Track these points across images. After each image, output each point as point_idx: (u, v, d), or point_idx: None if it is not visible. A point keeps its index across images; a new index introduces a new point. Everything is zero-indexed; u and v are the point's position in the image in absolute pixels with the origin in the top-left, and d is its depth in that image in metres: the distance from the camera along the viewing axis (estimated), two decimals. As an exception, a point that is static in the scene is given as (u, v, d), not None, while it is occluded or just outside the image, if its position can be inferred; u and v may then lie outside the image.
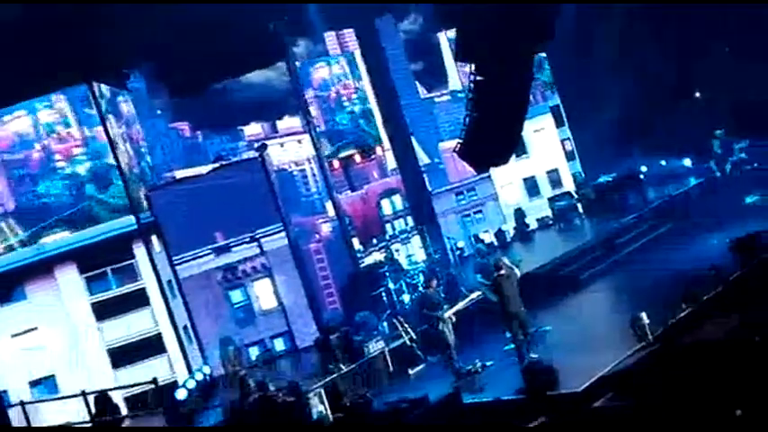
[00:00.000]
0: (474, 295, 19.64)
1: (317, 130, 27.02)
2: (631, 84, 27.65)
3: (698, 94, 30.59)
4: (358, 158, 27.84)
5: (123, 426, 17.86)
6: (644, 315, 15.40)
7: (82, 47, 20.40)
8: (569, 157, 29.91)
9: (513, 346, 17.67)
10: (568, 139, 30.01)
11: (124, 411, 19.49)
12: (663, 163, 29.17)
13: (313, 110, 27.78)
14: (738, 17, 27.56)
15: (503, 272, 16.47)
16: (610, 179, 27.47)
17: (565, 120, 30.03)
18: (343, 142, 27.67)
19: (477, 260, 19.60)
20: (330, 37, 29.33)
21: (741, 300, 16.05)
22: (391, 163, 28.18)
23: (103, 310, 21.25)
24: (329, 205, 26.21)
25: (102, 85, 22.40)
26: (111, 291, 21.42)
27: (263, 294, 23.15)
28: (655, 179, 28.13)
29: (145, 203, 22.43)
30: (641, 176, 27.37)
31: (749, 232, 18.88)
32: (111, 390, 19.10)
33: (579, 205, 28.07)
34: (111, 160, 21.82)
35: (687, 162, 28.48)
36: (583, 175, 29.41)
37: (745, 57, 28.83)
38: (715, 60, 29.25)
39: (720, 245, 19.73)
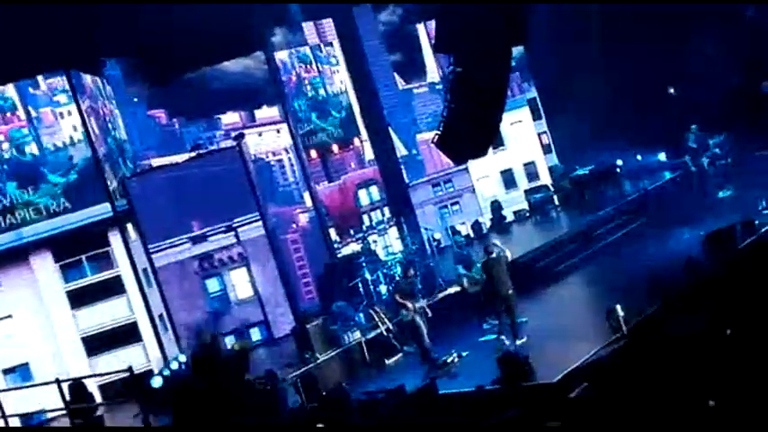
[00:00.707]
0: (452, 290, 19.83)
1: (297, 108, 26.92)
2: (608, 78, 27.81)
3: (672, 90, 30.81)
4: (336, 149, 27.80)
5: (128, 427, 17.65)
6: (618, 307, 15.55)
7: (59, 34, 20.21)
8: (546, 149, 30.07)
9: (490, 337, 17.87)
10: (545, 132, 30.16)
11: (99, 399, 19.38)
12: (639, 157, 29.37)
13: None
14: (714, 13, 27.81)
15: (493, 254, 16.98)
16: (586, 172, 27.64)
17: (542, 113, 30.17)
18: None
19: (456, 251, 19.71)
20: (308, 27, 29.19)
21: (714, 293, 16.26)
22: (369, 154, 28.17)
23: (79, 298, 21.13)
24: (306, 195, 26.18)
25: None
26: (86, 278, 21.30)
27: (240, 284, 23.11)
28: (630, 173, 28.34)
29: (118, 187, 22.18)
30: (617, 170, 27.56)
31: (722, 226, 19.14)
32: (85, 378, 19.02)
33: (555, 198, 28.24)
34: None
35: (662, 156, 28.70)
36: (560, 167, 29.57)
37: (721, 51, 29.13)
38: (690, 55, 29.50)
39: (694, 239, 19.96)
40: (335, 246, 25.47)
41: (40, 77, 21.49)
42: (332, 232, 25.90)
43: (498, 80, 18.21)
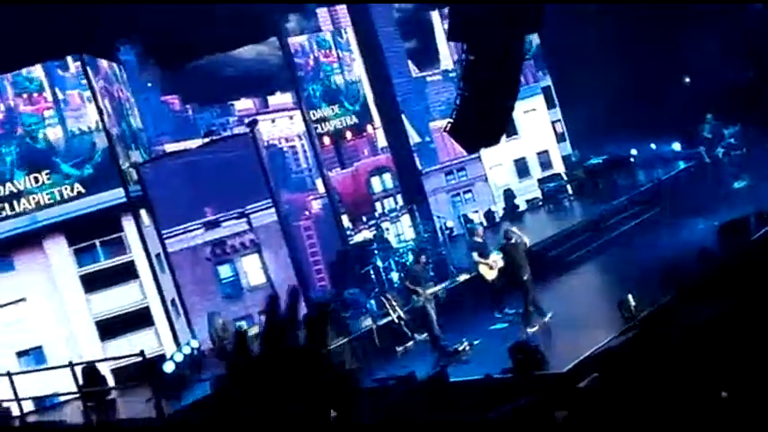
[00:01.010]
0: (461, 278, 19.86)
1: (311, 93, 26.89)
2: (622, 67, 27.65)
3: (687, 79, 30.63)
4: (349, 136, 27.79)
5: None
6: (631, 297, 15.51)
7: (72, 19, 20.24)
8: (560, 138, 29.95)
9: (501, 325, 17.89)
10: (559, 120, 30.04)
11: (111, 383, 19.53)
12: (653, 146, 29.25)
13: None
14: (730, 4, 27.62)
15: (513, 240, 17.38)
16: (600, 161, 27.53)
17: (556, 101, 30.04)
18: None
19: (472, 239, 19.65)
20: (322, 13, 29.18)
21: (728, 284, 16.19)
22: (382, 141, 28.14)
23: (92, 283, 21.22)
24: (319, 182, 26.21)
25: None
26: (99, 263, 21.39)
27: (252, 270, 23.17)
28: (645, 162, 28.22)
29: (133, 172, 22.28)
30: (631, 159, 27.44)
31: (736, 217, 19.04)
32: (98, 361, 19.18)
33: (569, 187, 28.14)
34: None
35: (677, 146, 28.56)
36: (573, 158, 29.46)
37: (736, 41, 28.92)
38: (706, 45, 29.31)
39: (708, 229, 19.87)
40: (348, 233, 25.49)
41: (69, 59, 21.45)
42: (344, 219, 25.92)
43: (511, 68, 18.13)
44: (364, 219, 26.44)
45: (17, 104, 21.31)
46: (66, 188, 21.29)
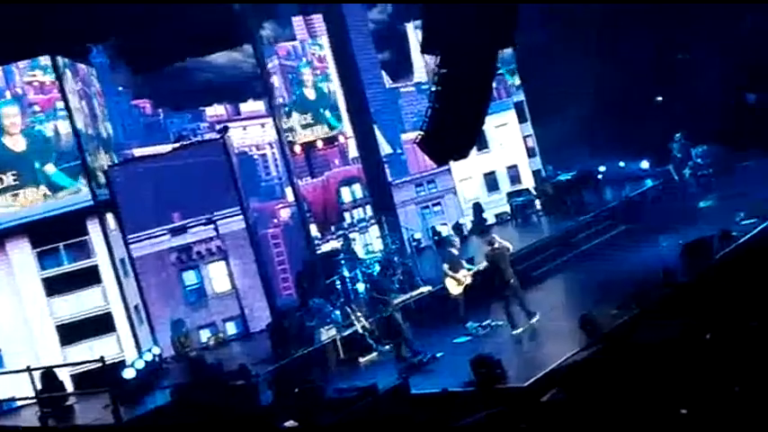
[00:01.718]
0: (425, 289, 19.86)
1: (283, 101, 26.87)
2: (595, 84, 27.87)
3: (659, 98, 30.93)
4: (320, 144, 27.75)
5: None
6: (594, 313, 15.57)
7: (45, 19, 20.06)
8: (530, 153, 30.09)
9: (464, 338, 17.89)
10: (530, 135, 30.19)
11: (70, 389, 19.27)
12: (621, 164, 29.46)
13: (276, 80, 27.47)
14: (702, 24, 27.93)
15: (496, 245, 17.79)
16: (569, 177, 27.64)
17: (528, 116, 30.19)
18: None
19: (447, 250, 19.64)
20: (298, 21, 29.12)
21: (690, 302, 16.30)
22: (353, 151, 28.13)
23: (54, 286, 20.96)
24: (289, 191, 26.16)
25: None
26: (63, 267, 21.13)
27: (217, 277, 23.01)
28: (613, 180, 28.40)
29: (101, 176, 22.08)
30: (599, 176, 27.60)
31: (700, 236, 19.19)
32: (57, 366, 18.91)
33: (537, 202, 28.24)
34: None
35: (645, 164, 28.78)
36: (544, 172, 29.62)
37: (707, 63, 29.25)
38: (676, 64, 29.64)
39: (673, 248, 20.01)
40: (316, 242, 25.41)
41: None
42: (313, 228, 25.84)
43: (483, 83, 18.19)
44: (333, 228, 26.42)
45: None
46: (31, 190, 21.03)
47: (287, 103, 27.31)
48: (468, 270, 18.73)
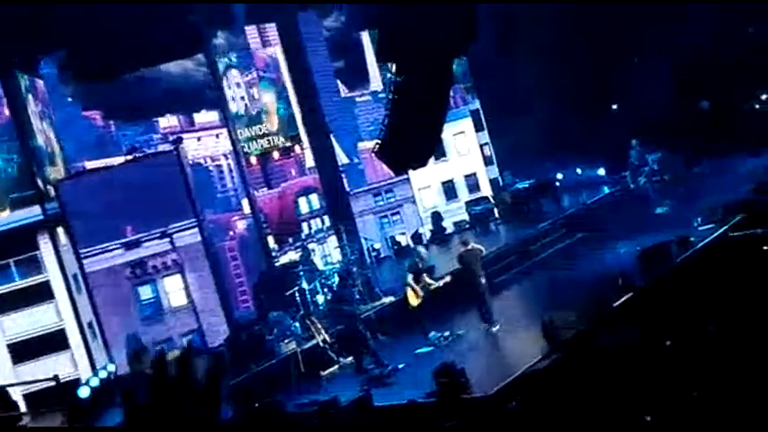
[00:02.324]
0: (386, 300, 19.75)
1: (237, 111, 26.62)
2: (550, 93, 28.02)
3: (615, 106, 31.21)
4: (276, 156, 27.50)
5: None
6: (554, 320, 15.57)
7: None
8: (487, 161, 30.15)
9: (426, 349, 17.77)
10: (487, 143, 30.25)
11: (23, 408, 18.74)
12: (578, 171, 29.64)
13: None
14: (653, 32, 28.25)
15: (469, 247, 18.30)
16: (526, 185, 27.74)
17: (484, 125, 30.26)
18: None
19: (414, 260, 19.51)
20: (251, 30, 28.84)
21: (648, 307, 16.39)
22: (310, 161, 27.92)
23: (5, 303, 20.43)
24: (245, 202, 25.81)
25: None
26: (13, 283, 20.58)
27: (174, 291, 22.62)
28: (570, 187, 28.56)
29: (51, 189, 21.62)
30: (557, 184, 27.73)
31: (657, 242, 19.34)
32: (9, 386, 18.39)
33: (496, 210, 28.29)
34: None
35: (601, 171, 28.98)
36: (501, 181, 29.69)
37: (661, 70, 29.59)
38: (631, 71, 29.93)
39: (630, 254, 20.12)
40: (273, 254, 25.13)
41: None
42: (270, 240, 25.56)
43: (440, 91, 18.17)
44: (290, 240, 26.15)
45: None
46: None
47: (241, 113, 27.04)
48: (433, 281, 18.65)
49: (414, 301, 18.59)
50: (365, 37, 30.28)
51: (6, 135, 21.20)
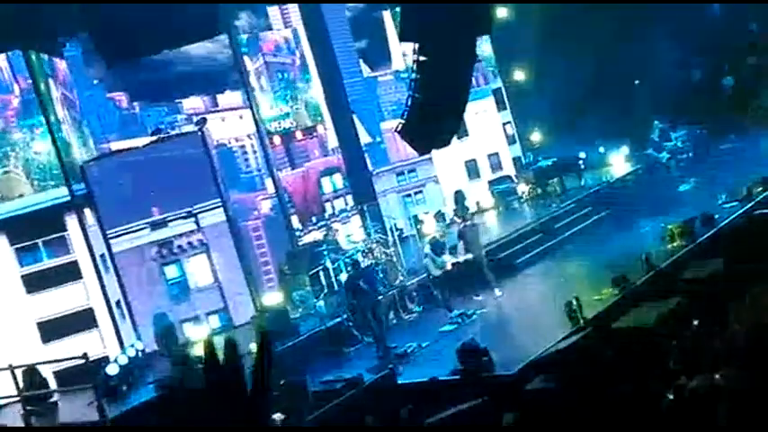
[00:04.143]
0: (410, 279, 20.04)
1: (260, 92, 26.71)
2: (574, 70, 27.89)
3: (637, 82, 31.04)
4: (299, 135, 27.58)
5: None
6: (578, 300, 15.64)
7: (16, 12, 19.73)
8: (510, 140, 30.08)
9: (450, 327, 17.94)
10: (509, 122, 30.17)
11: (53, 386, 19.09)
12: (602, 149, 29.56)
13: (264, 81, 27.29)
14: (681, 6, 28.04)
15: (469, 222, 19.66)
16: (549, 164, 27.72)
17: (507, 103, 30.18)
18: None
19: (434, 239, 19.86)
20: (273, 11, 28.86)
21: (673, 286, 16.42)
22: (333, 141, 27.97)
23: (34, 283, 20.64)
24: (269, 182, 25.90)
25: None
26: (42, 263, 20.83)
27: (200, 271, 22.81)
28: (593, 165, 28.51)
29: (76, 170, 21.85)
30: (580, 162, 27.68)
31: (682, 219, 19.35)
32: (39, 364, 18.72)
33: (518, 189, 28.29)
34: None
35: (625, 149, 28.90)
36: (524, 160, 29.64)
37: (684, 47, 29.38)
38: (656, 48, 29.74)
39: (654, 231, 20.14)
40: (297, 233, 25.27)
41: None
42: (294, 220, 25.69)
43: (463, 70, 18.17)
44: (314, 219, 26.26)
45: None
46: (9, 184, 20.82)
47: (267, 90, 27.15)
48: (451, 256, 19.08)
49: (434, 271, 18.98)
50: (387, 16, 30.18)
51: (32, 116, 21.38)
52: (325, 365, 17.36)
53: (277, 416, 14.75)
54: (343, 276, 20.04)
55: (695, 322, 13.84)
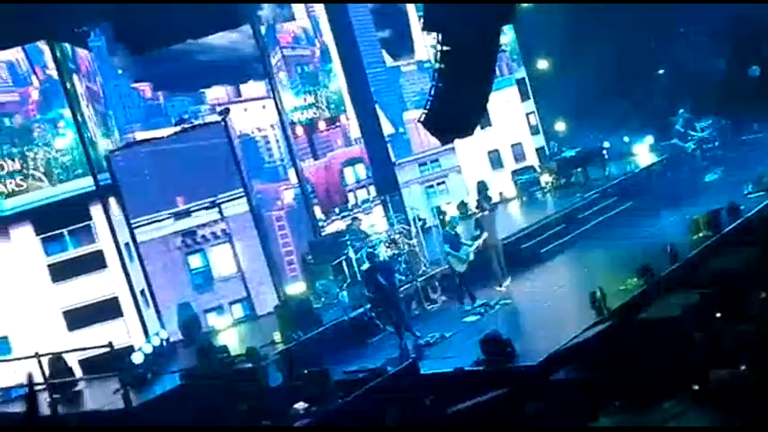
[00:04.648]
0: (434, 270, 20.02)
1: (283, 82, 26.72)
2: (597, 59, 27.68)
3: (661, 71, 30.76)
4: (322, 126, 27.58)
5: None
6: (602, 290, 15.56)
7: (40, 3, 19.84)
8: (533, 130, 29.91)
9: (473, 317, 17.91)
10: (533, 112, 30.00)
11: (78, 374, 19.28)
12: (626, 139, 29.35)
13: (283, 75, 27.32)
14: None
15: (486, 211, 19.94)
16: (573, 154, 27.55)
17: (530, 93, 29.99)
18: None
19: (446, 231, 19.75)
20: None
21: (699, 277, 16.30)
22: (355, 131, 27.94)
23: (59, 272, 20.84)
24: (292, 172, 25.93)
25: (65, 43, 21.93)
26: (67, 252, 21.02)
27: (223, 260, 22.92)
28: (617, 155, 28.31)
29: (103, 160, 22.01)
30: (604, 152, 27.49)
31: (707, 210, 19.18)
32: (65, 352, 18.91)
33: (542, 179, 28.14)
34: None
35: (649, 139, 28.68)
36: (548, 150, 29.47)
37: (709, 35, 29.08)
38: (678, 38, 29.48)
39: (680, 222, 19.99)
40: (320, 223, 25.30)
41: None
42: (317, 210, 25.72)
43: (486, 60, 18.07)
44: (337, 210, 26.27)
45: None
46: (34, 175, 20.98)
47: (287, 83, 27.15)
48: (472, 245, 19.03)
49: (459, 267, 18.94)
50: (410, 6, 30.05)
51: (52, 109, 21.51)
52: (348, 355, 17.38)
53: (300, 405, 14.83)
54: (366, 267, 20.07)
55: (718, 314, 13.75)
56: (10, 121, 21.17)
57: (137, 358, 18.59)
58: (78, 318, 20.60)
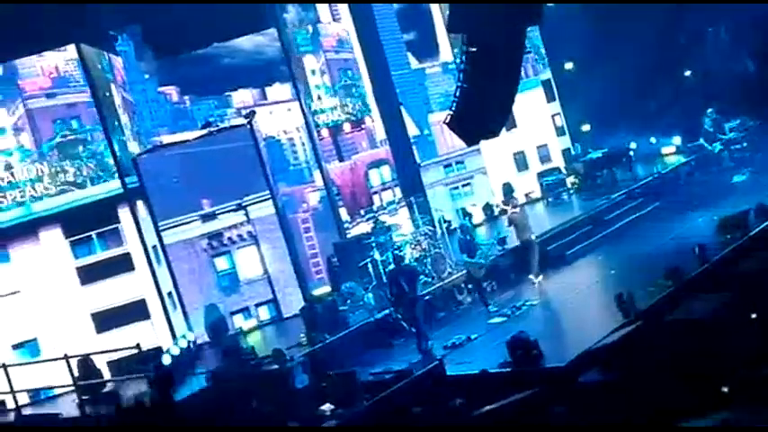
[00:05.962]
0: (460, 272, 20.00)
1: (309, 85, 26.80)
2: (623, 61, 27.51)
3: (688, 73, 30.53)
4: (347, 128, 27.62)
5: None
6: (629, 292, 15.46)
7: (68, 7, 20.05)
8: (559, 132, 29.78)
9: (498, 319, 17.88)
10: (558, 113, 29.87)
11: (107, 376, 19.43)
12: (653, 140, 29.15)
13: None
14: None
15: (517, 208, 20.33)
16: (599, 155, 27.41)
17: (556, 94, 29.88)
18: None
19: (461, 238, 19.80)
20: (321, 4, 28.87)
21: (727, 278, 16.15)
22: (380, 133, 27.94)
23: (88, 274, 21.04)
24: (317, 175, 25.99)
25: (106, 53, 22.23)
26: (95, 255, 21.21)
27: (249, 262, 23.03)
28: (644, 156, 28.13)
29: (132, 168, 22.20)
30: (630, 153, 27.33)
31: (736, 211, 19.01)
32: (93, 354, 19.06)
33: (568, 181, 28.02)
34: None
35: (677, 140, 28.47)
36: (573, 151, 29.32)
37: (737, 36, 28.83)
38: (708, 38, 29.23)
39: (707, 223, 19.83)
40: (346, 225, 25.33)
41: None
42: (342, 212, 25.75)
43: (512, 61, 18.00)
44: (362, 212, 26.27)
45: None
46: (63, 178, 21.20)
47: (313, 86, 27.20)
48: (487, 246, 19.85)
49: (477, 273, 19.00)
50: (434, 7, 30.04)
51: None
52: (375, 357, 17.40)
53: (326, 406, 14.87)
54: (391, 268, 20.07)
55: (753, 315, 13.60)
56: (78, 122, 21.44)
57: (165, 360, 18.71)
58: (106, 320, 20.79)
